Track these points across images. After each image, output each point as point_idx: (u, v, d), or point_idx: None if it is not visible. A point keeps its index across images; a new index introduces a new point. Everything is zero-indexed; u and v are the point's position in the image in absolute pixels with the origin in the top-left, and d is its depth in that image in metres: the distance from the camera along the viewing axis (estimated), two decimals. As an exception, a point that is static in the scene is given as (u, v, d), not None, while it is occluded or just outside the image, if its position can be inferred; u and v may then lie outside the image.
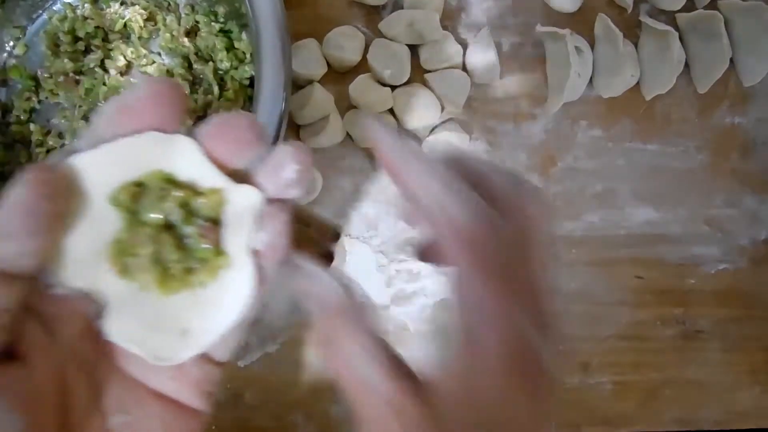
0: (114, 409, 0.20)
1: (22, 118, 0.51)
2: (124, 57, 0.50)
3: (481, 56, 0.51)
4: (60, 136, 0.51)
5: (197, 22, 0.49)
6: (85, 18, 0.50)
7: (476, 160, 0.24)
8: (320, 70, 0.50)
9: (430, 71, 0.51)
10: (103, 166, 0.19)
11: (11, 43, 0.52)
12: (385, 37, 0.50)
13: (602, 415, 0.52)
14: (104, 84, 0.50)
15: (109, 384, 0.20)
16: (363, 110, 0.46)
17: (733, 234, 0.52)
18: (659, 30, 0.49)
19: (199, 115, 0.49)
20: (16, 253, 0.18)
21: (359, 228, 0.51)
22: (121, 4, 0.50)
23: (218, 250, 0.20)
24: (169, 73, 0.50)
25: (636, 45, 0.51)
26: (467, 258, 0.21)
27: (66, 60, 0.50)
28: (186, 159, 0.20)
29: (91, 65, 0.50)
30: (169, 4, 0.50)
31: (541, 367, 0.20)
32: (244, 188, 0.20)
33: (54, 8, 0.52)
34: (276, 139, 0.40)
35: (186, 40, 0.49)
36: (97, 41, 0.51)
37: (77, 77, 0.51)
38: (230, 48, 0.49)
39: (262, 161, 0.21)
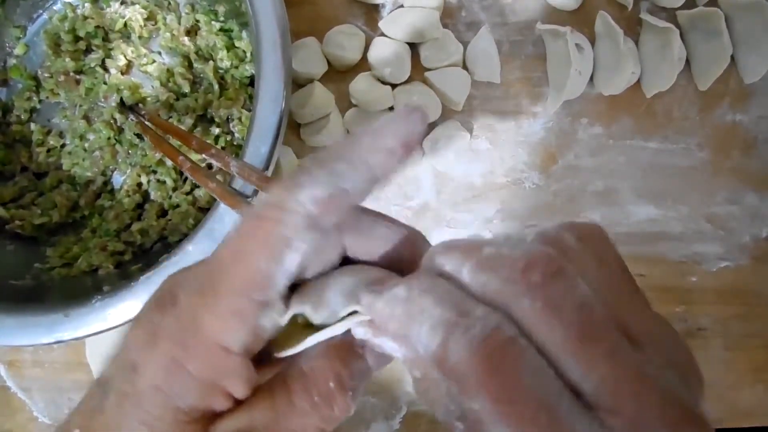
0: None
1: (22, 117, 0.51)
2: (125, 56, 0.50)
3: (482, 54, 0.51)
4: (60, 135, 0.51)
5: (197, 21, 0.49)
6: (86, 17, 0.50)
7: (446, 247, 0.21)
8: (320, 68, 0.50)
9: (430, 69, 0.51)
10: None
11: (11, 43, 0.52)
12: (386, 36, 0.50)
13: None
14: (105, 83, 0.50)
15: None
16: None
17: (735, 231, 0.52)
18: (660, 27, 0.48)
19: (200, 113, 0.49)
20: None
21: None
22: (122, 3, 0.50)
23: None
24: (170, 72, 0.50)
25: (637, 42, 0.51)
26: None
27: (67, 59, 0.50)
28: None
29: (92, 65, 0.50)
30: (169, 4, 0.50)
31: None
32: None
33: (54, 8, 0.52)
34: (276, 138, 0.40)
35: (186, 39, 0.49)
36: (97, 41, 0.51)
37: (77, 77, 0.51)
38: (230, 47, 0.49)
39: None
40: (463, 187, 0.52)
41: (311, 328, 0.22)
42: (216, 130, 0.48)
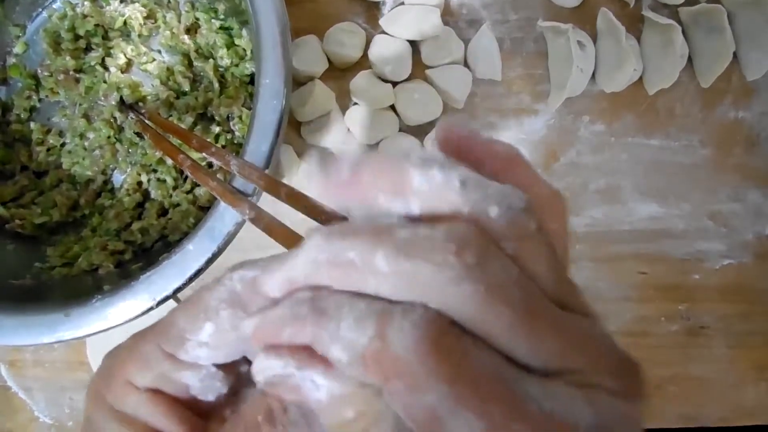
0: None
1: (22, 116, 0.51)
2: (125, 55, 0.50)
3: (483, 52, 0.51)
4: (60, 134, 0.51)
5: (197, 19, 0.49)
6: (85, 16, 0.50)
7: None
8: (321, 66, 0.50)
9: (431, 67, 0.51)
10: None
11: (11, 42, 0.52)
12: (386, 33, 0.50)
13: (606, 412, 0.52)
14: (104, 82, 0.50)
15: None
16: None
17: (738, 229, 0.52)
18: (662, 24, 0.48)
19: (200, 112, 0.49)
20: None
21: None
22: (121, 1, 0.50)
23: None
24: (170, 70, 0.49)
25: (638, 39, 0.51)
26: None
27: (67, 58, 0.50)
28: None
29: (92, 63, 0.50)
30: (169, 2, 0.50)
31: None
32: None
33: (54, 6, 0.52)
34: (276, 137, 0.40)
35: (186, 37, 0.49)
36: (97, 39, 0.51)
37: (77, 75, 0.50)
38: (231, 45, 0.48)
39: None
40: (464, 185, 0.52)
41: None
42: (216, 129, 0.48)
